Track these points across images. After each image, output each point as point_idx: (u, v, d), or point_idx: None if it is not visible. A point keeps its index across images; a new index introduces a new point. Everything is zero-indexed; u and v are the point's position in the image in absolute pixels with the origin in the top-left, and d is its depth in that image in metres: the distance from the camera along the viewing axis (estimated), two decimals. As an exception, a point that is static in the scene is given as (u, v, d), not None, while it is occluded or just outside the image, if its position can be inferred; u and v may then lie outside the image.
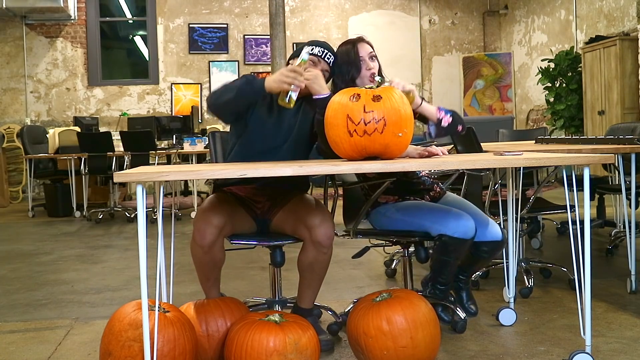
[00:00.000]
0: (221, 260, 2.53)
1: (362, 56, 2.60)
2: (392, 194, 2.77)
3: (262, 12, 10.29)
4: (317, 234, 2.41)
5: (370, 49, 2.64)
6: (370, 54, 2.63)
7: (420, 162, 2.19)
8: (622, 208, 4.14)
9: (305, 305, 2.59)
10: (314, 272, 2.51)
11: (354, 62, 2.59)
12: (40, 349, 2.67)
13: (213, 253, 2.45)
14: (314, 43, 2.61)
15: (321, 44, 2.62)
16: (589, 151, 2.81)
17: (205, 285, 2.59)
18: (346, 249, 4.28)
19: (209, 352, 2.31)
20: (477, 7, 11.10)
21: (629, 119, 7.18)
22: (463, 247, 2.55)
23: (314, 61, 2.57)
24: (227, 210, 2.51)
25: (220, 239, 2.45)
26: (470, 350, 2.49)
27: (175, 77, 10.34)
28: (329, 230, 2.43)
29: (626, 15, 7.75)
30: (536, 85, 8.99)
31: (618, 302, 3.09)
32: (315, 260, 2.46)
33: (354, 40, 2.67)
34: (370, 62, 2.61)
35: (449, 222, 2.53)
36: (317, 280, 2.55)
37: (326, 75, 2.59)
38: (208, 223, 2.41)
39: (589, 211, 2.15)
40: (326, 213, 2.51)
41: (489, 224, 2.65)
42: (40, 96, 10.03)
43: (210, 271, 2.54)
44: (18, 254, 5.05)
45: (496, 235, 2.63)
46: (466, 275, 2.79)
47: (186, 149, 7.11)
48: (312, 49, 2.54)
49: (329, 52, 2.60)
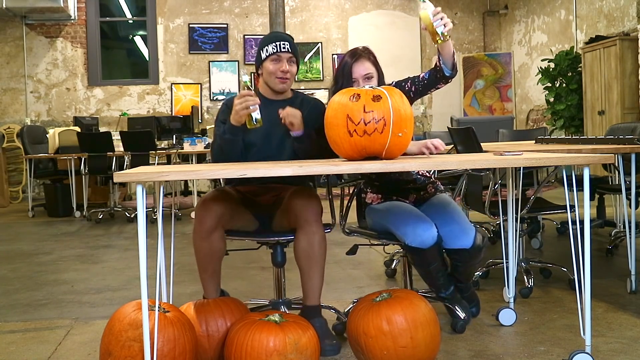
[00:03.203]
0: (220, 251, 2.53)
1: (356, 78, 2.63)
2: (377, 193, 2.78)
3: (262, 12, 10.29)
4: (302, 212, 2.42)
5: (368, 69, 2.64)
6: (367, 75, 2.63)
7: (420, 162, 2.19)
8: (622, 208, 4.14)
9: (310, 302, 2.50)
10: (310, 260, 2.45)
11: (346, 79, 2.64)
12: (40, 349, 2.67)
13: (212, 241, 2.47)
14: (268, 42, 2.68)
15: (272, 40, 2.68)
16: (589, 151, 2.81)
17: (203, 277, 2.57)
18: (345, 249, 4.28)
19: (209, 352, 2.31)
20: (477, 7, 11.11)
21: (629, 119, 7.18)
22: (423, 256, 2.51)
23: (274, 59, 2.66)
24: (228, 203, 2.56)
25: (219, 227, 2.48)
26: (470, 350, 2.49)
27: (175, 77, 10.34)
28: (313, 207, 2.44)
29: (626, 15, 7.75)
30: (536, 85, 8.99)
31: (618, 302, 3.09)
32: (308, 244, 2.43)
33: (356, 55, 2.67)
34: (363, 83, 2.61)
35: (407, 229, 2.50)
36: (315, 270, 2.46)
37: (294, 61, 2.70)
38: (207, 209, 2.47)
39: (589, 211, 2.15)
40: (312, 195, 2.53)
41: (462, 230, 2.57)
42: (40, 96, 10.03)
43: (209, 261, 2.53)
44: (18, 254, 5.05)
45: (465, 243, 2.55)
46: (461, 282, 2.73)
47: (186, 149, 7.11)
48: (244, 71, 2.63)
49: (280, 42, 2.66)
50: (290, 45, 2.69)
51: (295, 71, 2.72)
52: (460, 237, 2.56)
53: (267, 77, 2.71)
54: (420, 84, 2.72)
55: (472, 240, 2.56)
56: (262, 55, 2.69)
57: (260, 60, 2.71)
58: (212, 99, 10.38)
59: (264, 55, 2.68)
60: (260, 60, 2.71)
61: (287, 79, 2.69)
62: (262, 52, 2.69)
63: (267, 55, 2.67)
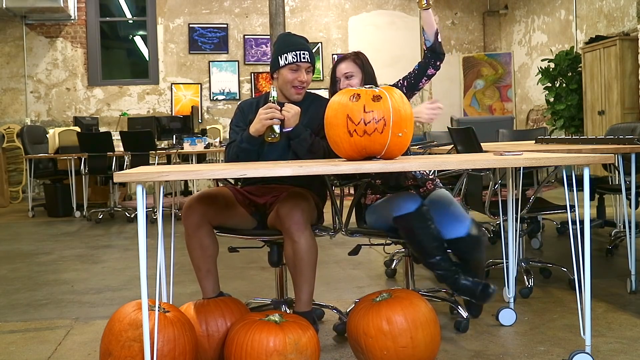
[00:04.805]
0: (209, 248, 2.52)
1: (338, 77, 2.83)
2: (377, 194, 2.79)
3: (262, 12, 10.29)
4: (285, 221, 2.39)
5: (348, 68, 2.81)
6: (346, 74, 2.80)
7: (420, 162, 2.20)
8: (622, 208, 4.14)
9: (300, 308, 2.46)
10: (297, 268, 2.41)
11: (332, 78, 2.87)
12: (40, 349, 2.67)
13: (199, 237, 2.49)
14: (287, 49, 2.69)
15: (292, 48, 2.69)
16: (589, 151, 2.81)
17: (198, 275, 2.57)
18: (345, 249, 4.28)
19: (209, 352, 2.31)
20: (477, 7, 11.11)
21: (629, 119, 7.18)
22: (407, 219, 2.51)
23: (293, 69, 2.68)
24: (217, 201, 2.57)
25: (204, 223, 2.50)
26: (470, 350, 2.49)
27: (175, 77, 10.34)
28: (296, 216, 2.38)
29: (626, 15, 7.75)
30: (536, 85, 8.99)
31: (618, 302, 3.09)
32: (294, 253, 2.40)
33: (343, 57, 2.87)
34: (345, 81, 2.79)
35: (394, 202, 2.57)
36: (303, 278, 2.42)
37: (311, 70, 2.75)
38: (190, 207, 2.49)
39: (589, 211, 2.15)
40: (299, 202, 2.45)
41: (457, 219, 2.56)
42: (40, 96, 10.03)
43: (200, 259, 2.53)
44: (18, 254, 5.05)
45: (460, 231, 2.54)
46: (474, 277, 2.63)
47: (186, 149, 7.11)
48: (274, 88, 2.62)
49: (300, 52, 2.68)
50: (309, 54, 2.71)
51: (310, 79, 2.75)
52: (455, 225, 2.55)
53: (282, 85, 2.71)
54: (411, 76, 2.91)
55: (468, 229, 2.54)
56: (280, 62, 2.68)
57: (278, 65, 2.70)
58: (212, 99, 10.38)
59: (282, 63, 2.67)
60: (277, 65, 2.70)
61: (303, 89, 2.72)
62: (280, 59, 2.68)
63: (286, 64, 2.67)
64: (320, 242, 2.56)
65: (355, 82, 2.78)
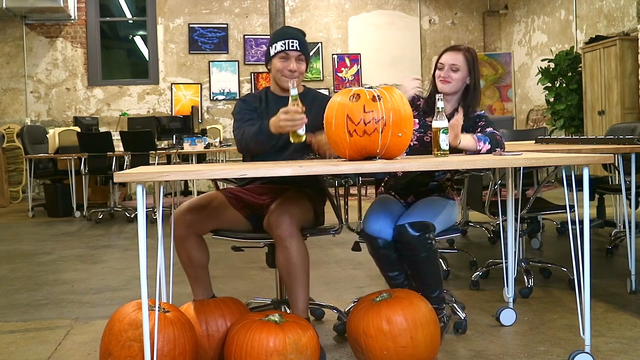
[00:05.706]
0: (197, 259, 2.51)
1: (442, 63, 2.77)
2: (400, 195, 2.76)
3: (262, 12, 10.29)
4: (274, 229, 2.37)
5: (456, 60, 2.73)
6: (452, 65, 2.73)
7: (420, 162, 2.19)
8: (622, 208, 4.14)
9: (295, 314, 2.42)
10: (291, 274, 2.37)
11: (436, 66, 2.82)
12: (40, 349, 2.67)
13: (186, 248, 2.48)
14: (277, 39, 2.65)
15: (281, 37, 2.65)
16: (588, 151, 2.81)
17: (189, 280, 2.58)
18: (346, 249, 4.28)
19: (209, 352, 2.31)
20: (477, 7, 11.10)
21: (629, 119, 7.18)
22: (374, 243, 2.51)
23: (283, 57, 2.63)
24: (207, 209, 2.54)
25: (191, 235, 2.48)
26: (470, 350, 2.49)
27: (175, 77, 10.34)
28: (285, 223, 2.35)
29: (626, 15, 7.74)
30: (536, 85, 8.99)
31: (618, 302, 3.09)
32: (286, 259, 2.36)
33: (452, 47, 2.81)
34: (448, 72, 2.74)
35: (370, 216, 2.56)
36: (297, 283, 2.38)
37: (302, 59, 2.67)
38: (178, 219, 2.47)
39: (589, 211, 2.15)
40: (288, 207, 2.42)
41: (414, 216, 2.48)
42: (40, 96, 10.03)
43: (189, 267, 2.53)
44: (18, 254, 5.05)
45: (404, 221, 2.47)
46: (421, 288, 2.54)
47: (186, 149, 7.10)
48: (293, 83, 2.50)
49: (289, 40, 2.63)
50: (300, 43, 2.65)
51: (304, 69, 2.69)
52: (406, 218, 2.49)
53: (275, 74, 2.69)
54: None
55: (410, 229, 2.43)
56: (271, 51, 2.66)
57: (270, 56, 2.69)
58: (212, 99, 10.38)
59: (273, 52, 2.65)
60: (269, 56, 2.69)
61: (296, 78, 2.65)
62: (271, 49, 2.66)
63: (276, 53, 2.64)
64: (320, 242, 2.57)
65: (458, 76, 2.71)
